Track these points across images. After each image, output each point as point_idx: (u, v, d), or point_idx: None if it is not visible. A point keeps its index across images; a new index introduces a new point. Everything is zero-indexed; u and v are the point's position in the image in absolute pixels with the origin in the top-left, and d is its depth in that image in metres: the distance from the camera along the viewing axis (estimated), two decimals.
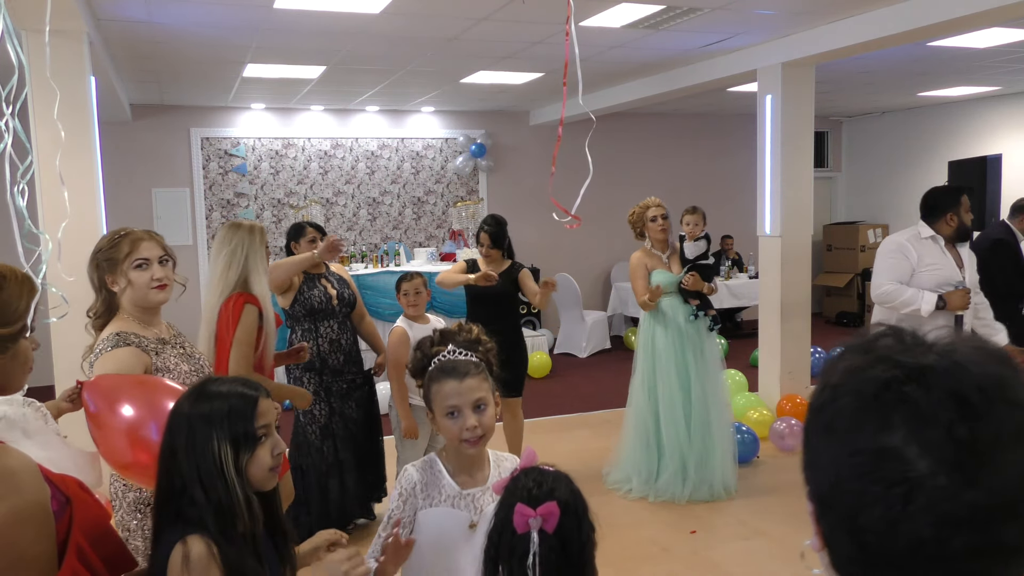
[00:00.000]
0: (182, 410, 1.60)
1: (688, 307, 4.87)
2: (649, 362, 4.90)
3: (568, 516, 1.50)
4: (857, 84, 8.74)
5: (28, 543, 1.27)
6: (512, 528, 1.49)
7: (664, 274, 4.92)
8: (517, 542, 1.48)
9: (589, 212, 11.18)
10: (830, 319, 11.31)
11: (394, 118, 9.77)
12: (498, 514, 1.55)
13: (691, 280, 4.82)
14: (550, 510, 1.48)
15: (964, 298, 3.98)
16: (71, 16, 4.17)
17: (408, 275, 4.44)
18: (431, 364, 1.92)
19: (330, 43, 5.99)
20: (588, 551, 1.53)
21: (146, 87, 7.73)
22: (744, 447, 5.31)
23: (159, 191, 8.91)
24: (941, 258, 4.09)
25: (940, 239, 4.11)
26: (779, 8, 5.43)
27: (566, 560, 1.49)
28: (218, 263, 3.31)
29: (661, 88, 7.79)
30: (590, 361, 9.17)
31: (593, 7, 5.17)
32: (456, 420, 1.86)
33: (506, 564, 1.50)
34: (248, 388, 1.63)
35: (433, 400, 1.90)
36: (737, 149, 10.97)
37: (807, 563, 0.82)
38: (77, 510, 1.38)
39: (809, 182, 6.61)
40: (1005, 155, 8.38)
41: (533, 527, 1.47)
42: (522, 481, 1.55)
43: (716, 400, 4.87)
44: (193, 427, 1.56)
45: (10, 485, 1.26)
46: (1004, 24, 5.86)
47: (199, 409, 1.58)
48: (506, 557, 1.50)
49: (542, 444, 5.97)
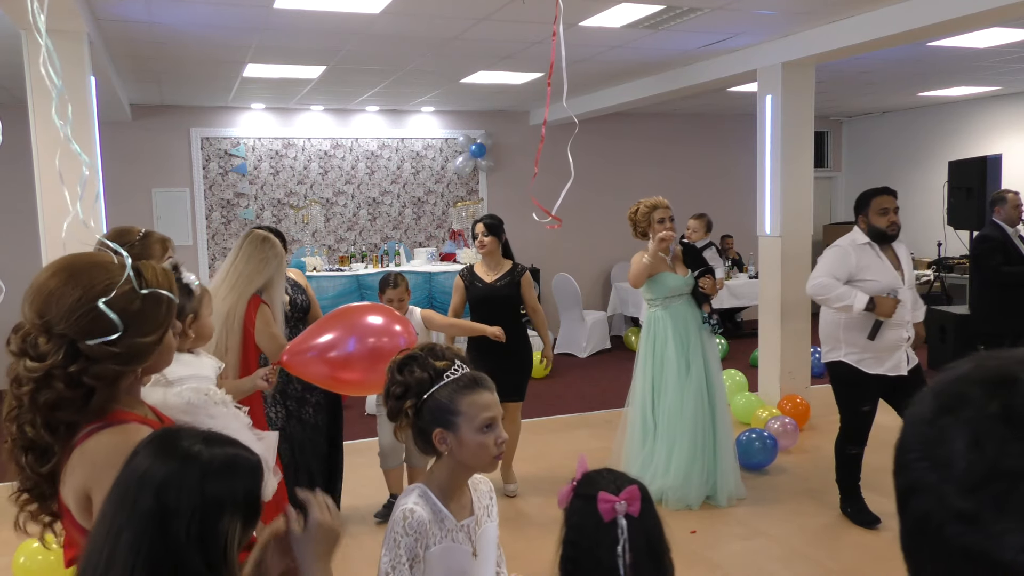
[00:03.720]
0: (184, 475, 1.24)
1: (699, 312, 4.79)
2: (655, 365, 4.76)
3: (647, 501, 1.54)
4: (857, 84, 8.74)
5: None
6: (595, 521, 1.50)
7: (674, 277, 4.78)
8: (603, 533, 1.50)
9: (589, 212, 11.17)
10: None
11: (394, 118, 9.77)
12: (570, 519, 1.55)
13: (710, 283, 4.76)
14: (633, 494, 1.51)
15: (892, 306, 4.07)
16: (71, 16, 4.17)
17: (392, 280, 4.42)
18: (441, 380, 1.80)
19: (330, 43, 5.99)
20: (665, 534, 1.57)
21: (146, 87, 7.73)
22: (765, 453, 5.23)
23: (159, 191, 8.92)
24: (878, 264, 4.21)
25: (874, 244, 4.25)
26: (779, 8, 5.43)
27: (649, 543, 1.52)
28: (246, 267, 3.41)
29: (661, 88, 7.79)
30: (590, 361, 9.17)
31: (593, 7, 5.17)
32: (489, 433, 1.78)
33: (591, 559, 1.50)
34: (248, 452, 1.35)
35: (464, 414, 1.77)
36: (737, 149, 10.97)
37: None
38: None
39: (809, 182, 6.61)
40: (1005, 155, 8.36)
41: (620, 512, 1.50)
42: (593, 478, 1.58)
43: (720, 405, 4.81)
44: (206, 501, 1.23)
45: None
46: (1004, 24, 5.86)
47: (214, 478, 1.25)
48: (591, 552, 1.50)
49: (542, 444, 5.97)
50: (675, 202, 6.00)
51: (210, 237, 9.13)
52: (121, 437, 1.44)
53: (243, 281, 3.39)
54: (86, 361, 1.41)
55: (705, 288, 4.75)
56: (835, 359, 4.30)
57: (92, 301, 1.41)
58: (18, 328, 1.45)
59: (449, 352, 1.85)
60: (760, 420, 5.83)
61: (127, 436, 1.44)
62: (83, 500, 1.43)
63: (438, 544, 1.77)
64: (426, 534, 1.76)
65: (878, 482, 4.70)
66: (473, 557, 1.82)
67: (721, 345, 8.94)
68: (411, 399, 1.79)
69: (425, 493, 1.81)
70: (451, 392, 1.78)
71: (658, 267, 4.74)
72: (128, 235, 2.49)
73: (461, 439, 1.77)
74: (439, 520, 1.79)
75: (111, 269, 1.46)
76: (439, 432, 1.78)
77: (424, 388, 1.79)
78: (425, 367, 1.81)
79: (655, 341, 4.78)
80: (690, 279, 4.79)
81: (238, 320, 3.33)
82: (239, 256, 3.45)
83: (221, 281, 3.39)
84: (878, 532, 4.27)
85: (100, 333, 1.41)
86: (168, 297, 1.52)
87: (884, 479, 3.31)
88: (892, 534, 4.21)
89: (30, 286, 1.45)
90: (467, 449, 1.78)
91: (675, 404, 4.69)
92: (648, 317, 4.87)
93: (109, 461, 1.38)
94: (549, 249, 10.06)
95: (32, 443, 1.43)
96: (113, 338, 1.42)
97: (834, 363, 4.32)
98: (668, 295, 4.77)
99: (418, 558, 1.74)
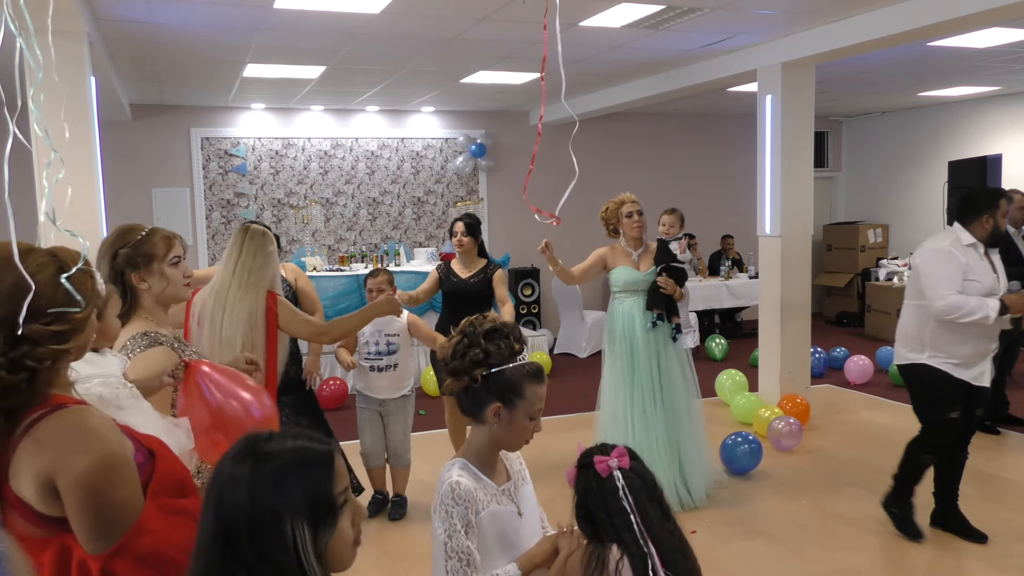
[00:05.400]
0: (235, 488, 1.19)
1: (648, 314, 4.63)
2: (612, 365, 4.72)
3: (635, 459, 1.89)
4: (857, 84, 8.74)
5: (113, 488, 1.45)
6: (597, 481, 1.83)
7: (628, 271, 4.72)
8: (606, 486, 1.83)
9: (589, 212, 11.19)
10: (830, 319, 11.31)
11: (394, 118, 9.77)
12: (578, 488, 1.87)
13: (665, 281, 4.60)
14: (621, 452, 1.87)
15: (1022, 298, 3.86)
16: (71, 16, 4.17)
17: (373, 272, 4.56)
18: (515, 360, 1.91)
19: (330, 43, 5.99)
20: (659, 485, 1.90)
21: (146, 87, 7.73)
22: (751, 457, 5.16)
23: (159, 191, 8.92)
24: (981, 266, 3.94)
25: (980, 246, 3.95)
26: (779, 8, 5.43)
27: (644, 484, 1.85)
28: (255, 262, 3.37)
29: (661, 88, 7.79)
30: (590, 361, 9.16)
31: (593, 7, 5.17)
32: (534, 422, 1.93)
33: (602, 510, 1.82)
34: (316, 442, 1.27)
35: (525, 399, 1.89)
36: (737, 149, 10.97)
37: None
38: (159, 463, 1.57)
39: (809, 182, 6.61)
40: (1005, 155, 8.38)
41: (613, 466, 1.84)
42: (587, 450, 1.92)
43: (684, 411, 4.67)
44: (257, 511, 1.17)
45: (93, 439, 1.45)
46: (1004, 24, 5.86)
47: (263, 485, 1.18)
48: (600, 503, 1.82)
49: (542, 444, 5.94)
50: (675, 202, 6.01)
51: (210, 237, 9.13)
52: (75, 416, 1.47)
53: (255, 276, 3.35)
54: (28, 344, 1.43)
55: (663, 285, 4.60)
56: (918, 361, 4.02)
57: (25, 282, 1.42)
58: None
59: (521, 334, 1.97)
60: (764, 420, 5.83)
61: (81, 416, 1.47)
62: (45, 487, 1.43)
63: (486, 509, 1.89)
64: (475, 501, 1.88)
65: (878, 482, 4.70)
66: (519, 516, 1.96)
67: (721, 345, 8.95)
68: (485, 368, 1.88)
69: (466, 465, 1.94)
70: (520, 375, 1.90)
71: (618, 261, 4.76)
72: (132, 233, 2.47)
73: (513, 419, 1.90)
74: (483, 487, 1.91)
75: (33, 253, 1.50)
76: (497, 406, 1.89)
77: (501, 362, 1.89)
78: (507, 343, 1.90)
79: (607, 336, 4.80)
80: (650, 275, 4.69)
81: (261, 317, 3.31)
82: (244, 252, 3.38)
83: (229, 279, 3.31)
84: (878, 532, 4.26)
85: (38, 314, 1.44)
86: (93, 272, 1.58)
87: (885, 479, 3.33)
88: (892, 534, 4.20)
89: None
90: (514, 429, 1.91)
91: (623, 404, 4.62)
92: (606, 314, 4.91)
93: (70, 444, 1.42)
94: None
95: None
96: (49, 317, 1.45)
97: (917, 365, 4.03)
98: (621, 289, 4.75)
99: (471, 524, 1.85)
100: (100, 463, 1.43)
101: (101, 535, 1.44)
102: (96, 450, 1.44)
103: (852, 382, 7.62)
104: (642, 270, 4.73)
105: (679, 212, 4.98)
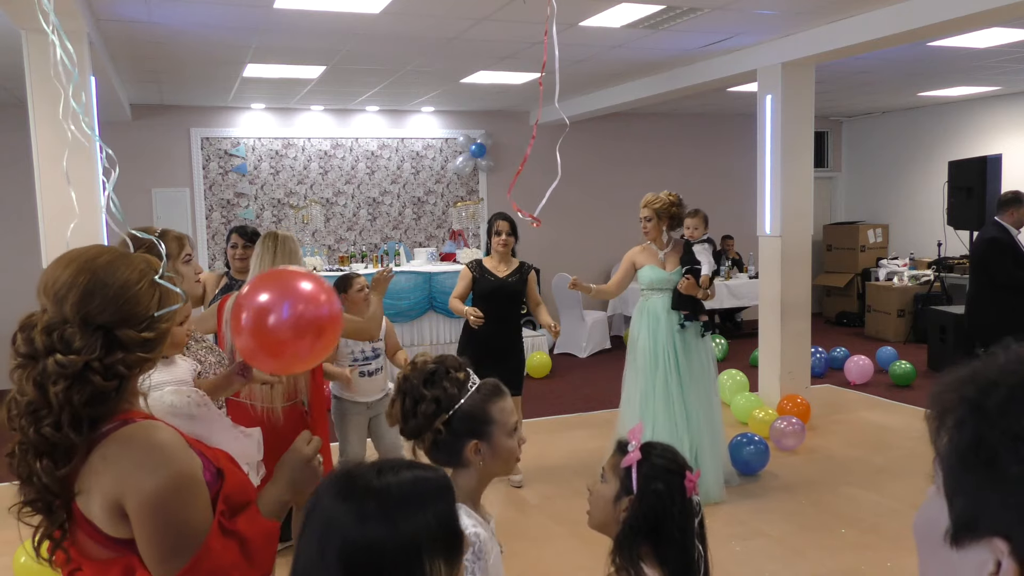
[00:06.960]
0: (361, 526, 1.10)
1: (676, 314, 4.74)
2: (632, 362, 4.85)
3: None
4: (857, 84, 8.74)
5: (182, 509, 1.39)
6: (680, 494, 1.73)
7: (654, 270, 4.82)
8: (689, 506, 1.73)
9: (590, 212, 11.12)
10: (830, 319, 11.30)
11: (394, 118, 9.77)
12: (651, 484, 1.74)
13: (686, 284, 4.69)
14: (698, 475, 1.79)
15: None
16: (71, 16, 4.17)
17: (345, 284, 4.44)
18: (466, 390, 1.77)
19: (330, 43, 5.99)
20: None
21: (146, 87, 7.73)
22: (757, 457, 5.17)
23: (159, 191, 8.92)
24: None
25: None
26: (779, 8, 5.43)
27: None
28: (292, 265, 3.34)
29: (661, 88, 7.79)
30: (590, 361, 9.17)
31: (593, 7, 5.18)
32: (515, 436, 1.80)
33: (676, 528, 1.71)
34: (428, 471, 1.21)
35: (496, 422, 1.76)
36: (737, 149, 10.97)
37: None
38: (227, 482, 1.49)
39: (809, 182, 6.61)
40: (1005, 155, 8.36)
41: (694, 491, 1.75)
42: (673, 455, 1.81)
43: (703, 408, 4.73)
44: (392, 549, 1.09)
45: (162, 457, 1.39)
46: (1004, 24, 5.86)
47: (395, 520, 1.10)
48: (680, 524, 1.72)
49: (542, 444, 5.96)
50: None
51: (210, 237, 9.13)
52: (144, 432, 1.41)
53: None
54: (122, 350, 1.40)
55: (682, 288, 4.69)
56: None
57: (131, 288, 1.42)
58: (27, 327, 1.39)
59: (459, 361, 1.82)
60: (764, 420, 5.83)
61: (149, 432, 1.42)
62: (114, 509, 1.37)
63: (491, 555, 1.75)
64: (489, 552, 1.73)
65: (878, 482, 4.71)
66: (501, 553, 1.82)
67: (721, 345, 8.95)
68: (443, 413, 1.74)
69: (470, 513, 1.75)
70: (481, 401, 1.75)
71: (646, 260, 4.87)
72: None
73: (495, 447, 1.76)
74: (488, 533, 1.76)
75: (130, 258, 1.48)
76: (474, 444, 1.74)
77: (453, 401, 1.74)
78: (450, 379, 1.76)
79: (633, 332, 4.90)
80: (675, 275, 4.79)
81: None
82: (278, 257, 3.33)
83: None
84: (878, 532, 4.26)
85: (136, 320, 1.43)
86: (174, 276, 1.56)
87: (885, 479, 3.34)
88: (892, 534, 4.20)
89: (49, 283, 1.41)
90: (499, 456, 1.77)
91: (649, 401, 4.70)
92: (633, 312, 5.01)
93: (138, 462, 1.37)
94: (549, 249, 10.06)
95: (53, 446, 1.36)
96: (144, 323, 1.44)
97: None
98: (646, 287, 4.87)
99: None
100: (169, 483, 1.37)
101: (169, 557, 1.38)
102: (165, 469, 1.38)
103: (852, 382, 7.63)
104: (668, 269, 4.83)
105: (702, 213, 5.02)
